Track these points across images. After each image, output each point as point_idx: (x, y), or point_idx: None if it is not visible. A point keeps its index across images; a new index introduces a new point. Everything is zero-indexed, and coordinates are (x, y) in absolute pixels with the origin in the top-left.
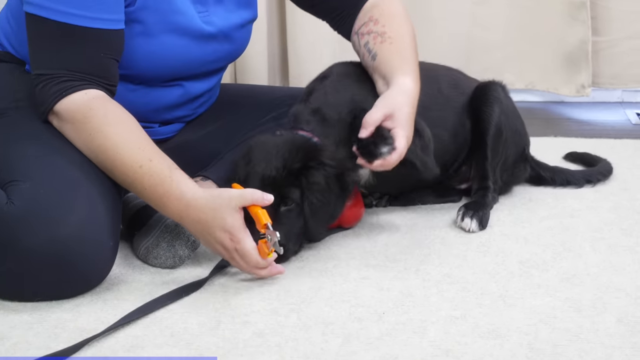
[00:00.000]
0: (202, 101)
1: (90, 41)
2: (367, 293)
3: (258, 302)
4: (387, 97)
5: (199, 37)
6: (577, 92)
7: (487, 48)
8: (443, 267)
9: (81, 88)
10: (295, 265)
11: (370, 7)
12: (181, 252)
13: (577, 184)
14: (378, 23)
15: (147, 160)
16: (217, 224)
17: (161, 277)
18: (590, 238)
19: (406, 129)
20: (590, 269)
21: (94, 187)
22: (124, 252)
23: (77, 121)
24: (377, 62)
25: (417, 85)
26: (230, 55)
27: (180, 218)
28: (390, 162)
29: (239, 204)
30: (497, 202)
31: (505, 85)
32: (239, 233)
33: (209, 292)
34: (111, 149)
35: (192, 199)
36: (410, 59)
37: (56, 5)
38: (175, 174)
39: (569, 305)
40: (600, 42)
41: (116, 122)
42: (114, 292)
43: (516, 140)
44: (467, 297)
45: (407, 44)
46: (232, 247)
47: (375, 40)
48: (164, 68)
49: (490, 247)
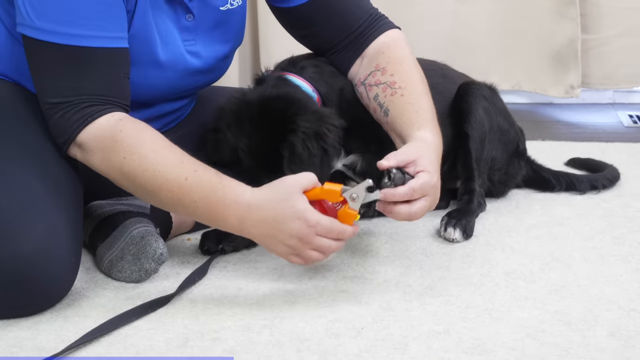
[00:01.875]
0: (173, 118)
1: (107, 62)
2: (344, 307)
3: (228, 317)
4: (409, 146)
5: (183, 71)
6: (566, 93)
7: (471, 48)
8: (425, 279)
9: (106, 112)
10: (268, 279)
11: (375, 53)
12: (147, 265)
13: (581, 189)
14: (386, 72)
15: (192, 172)
16: (288, 215)
17: (126, 292)
18: (580, 247)
19: (431, 173)
20: (581, 280)
21: (54, 199)
22: (86, 266)
23: (107, 147)
24: (390, 119)
25: (438, 137)
26: (210, 82)
27: (241, 224)
28: (397, 194)
29: (302, 188)
30: (484, 209)
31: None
32: (314, 214)
33: (177, 308)
34: (151, 168)
35: (251, 197)
36: (425, 110)
37: (66, 29)
38: (225, 179)
39: (558, 318)
40: (590, 40)
41: (149, 141)
42: (75, 308)
43: (503, 139)
44: (451, 310)
45: (419, 93)
46: (311, 233)
47: (385, 93)
48: (139, 96)
49: (475, 258)
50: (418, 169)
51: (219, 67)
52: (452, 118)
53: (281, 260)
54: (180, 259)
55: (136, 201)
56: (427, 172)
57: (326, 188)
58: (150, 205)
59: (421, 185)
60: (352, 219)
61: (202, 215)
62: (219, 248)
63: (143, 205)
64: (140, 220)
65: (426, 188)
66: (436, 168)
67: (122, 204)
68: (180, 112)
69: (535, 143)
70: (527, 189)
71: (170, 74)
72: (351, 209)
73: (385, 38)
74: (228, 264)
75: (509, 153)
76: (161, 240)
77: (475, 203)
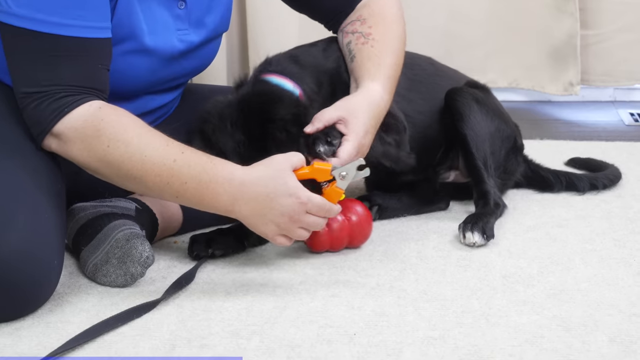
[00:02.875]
0: (159, 114)
1: (85, 52)
2: (336, 312)
3: (217, 323)
4: (347, 100)
5: (167, 57)
6: (565, 90)
7: (467, 44)
8: (420, 283)
9: (84, 101)
10: (258, 283)
11: (361, 5)
12: (133, 269)
13: (581, 188)
14: (365, 23)
15: (179, 154)
16: (280, 192)
17: (110, 297)
18: (580, 250)
19: (359, 137)
20: (580, 284)
21: (35, 198)
22: (69, 270)
23: (88, 136)
24: (353, 65)
25: (387, 94)
26: (196, 71)
27: (233, 202)
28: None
29: (292, 166)
30: (504, 210)
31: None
32: (305, 192)
33: (163, 313)
34: (137, 154)
35: (243, 174)
36: (387, 65)
37: (46, 17)
38: (215, 159)
39: (557, 323)
40: (590, 35)
41: (132, 127)
42: (57, 314)
43: (500, 136)
44: (446, 315)
45: (390, 48)
46: (302, 210)
47: (357, 41)
48: (122, 87)
49: (471, 261)
50: (345, 132)
51: (206, 53)
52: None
53: (271, 264)
54: (167, 262)
55: (121, 203)
56: (353, 137)
57: (316, 167)
58: (136, 206)
59: (348, 156)
60: (337, 198)
61: (192, 197)
62: (209, 253)
63: (128, 207)
64: (125, 222)
65: (352, 154)
66: (368, 128)
67: (106, 206)
68: (166, 109)
69: (533, 142)
70: (525, 189)
71: (155, 62)
72: (338, 187)
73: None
74: (216, 268)
75: (506, 150)
76: (147, 243)
77: (491, 205)
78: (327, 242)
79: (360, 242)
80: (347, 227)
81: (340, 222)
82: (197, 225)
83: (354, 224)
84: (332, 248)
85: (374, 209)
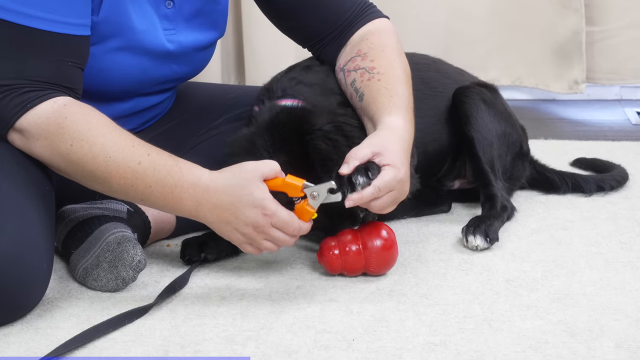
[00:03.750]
0: (152, 115)
1: (56, 48)
2: (334, 317)
3: (211, 328)
4: (375, 136)
5: (157, 56)
6: (570, 88)
7: (468, 41)
8: (420, 288)
9: (48, 97)
10: (253, 287)
11: (359, 39)
12: (124, 273)
13: (587, 189)
14: (366, 57)
15: (144, 156)
16: (245, 202)
17: (101, 302)
18: (585, 253)
19: (396, 167)
20: (586, 288)
21: (24, 200)
22: (58, 274)
23: (51, 134)
24: (364, 103)
25: (409, 123)
26: (188, 76)
27: (197, 208)
28: (364, 197)
29: (262, 176)
30: (513, 213)
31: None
32: (272, 204)
33: (156, 319)
34: (100, 154)
35: (209, 180)
36: (400, 95)
37: (19, 7)
38: (181, 161)
39: (562, 328)
40: (595, 32)
41: (97, 126)
42: (47, 319)
43: (506, 141)
44: (448, 320)
45: (398, 78)
46: (267, 223)
47: (362, 77)
48: (113, 86)
49: (473, 265)
50: (383, 163)
51: (197, 60)
52: (450, 123)
53: (267, 268)
54: (159, 266)
55: (112, 205)
56: (393, 166)
57: (288, 181)
58: (127, 209)
59: (386, 183)
60: (308, 216)
61: (157, 200)
62: (202, 257)
63: (119, 209)
64: (116, 225)
65: (392, 184)
66: (403, 160)
67: (97, 208)
68: (158, 109)
69: (537, 142)
70: (530, 190)
71: (145, 60)
72: (309, 206)
73: (372, 26)
74: (210, 272)
75: (512, 155)
76: (139, 247)
77: (498, 208)
78: (338, 265)
79: (379, 269)
80: (363, 253)
81: (357, 246)
82: (191, 228)
83: (373, 250)
84: (345, 272)
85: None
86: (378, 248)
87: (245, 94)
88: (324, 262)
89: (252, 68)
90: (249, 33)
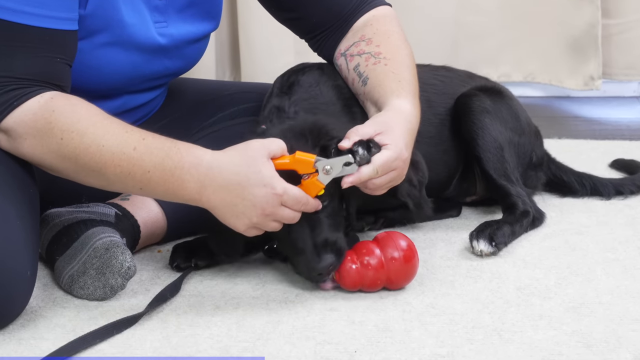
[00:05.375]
0: (143, 113)
1: (43, 43)
2: (335, 328)
3: (204, 339)
4: (379, 116)
5: (148, 51)
6: (585, 84)
7: (478, 34)
8: (426, 296)
9: (34, 94)
10: (250, 295)
11: (361, 25)
12: (113, 281)
13: (606, 194)
14: (372, 42)
15: (139, 140)
16: (253, 181)
17: (88, 311)
18: (601, 259)
19: (398, 148)
20: (602, 297)
21: (6, 204)
22: (43, 281)
23: (39, 131)
24: (368, 87)
25: (417, 110)
26: (180, 71)
27: (201, 189)
28: (362, 177)
29: (269, 153)
30: (535, 219)
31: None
32: (281, 182)
33: (146, 329)
34: (93, 144)
35: (212, 159)
36: (408, 81)
37: (2, 2)
38: (180, 143)
39: (577, 339)
40: (612, 25)
41: (86, 115)
42: (30, 329)
43: (515, 151)
44: (456, 331)
45: (405, 66)
46: (277, 202)
47: (367, 62)
48: (101, 83)
49: (482, 272)
50: (385, 142)
51: (189, 54)
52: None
53: (264, 275)
54: (150, 273)
55: (99, 208)
56: (394, 145)
57: (299, 157)
58: (115, 212)
59: (386, 161)
60: (315, 192)
61: (157, 187)
62: (192, 264)
63: (107, 213)
64: (104, 229)
65: (392, 164)
66: (407, 141)
67: (84, 212)
68: (148, 107)
69: (550, 141)
70: (544, 192)
71: (135, 55)
72: (318, 181)
73: (375, 12)
74: (204, 279)
75: (523, 166)
76: (128, 252)
77: (517, 214)
78: (358, 280)
79: (400, 283)
80: (385, 265)
81: (377, 259)
82: (184, 232)
83: (395, 262)
84: (364, 288)
85: (379, 221)
86: (399, 260)
87: (241, 90)
88: (342, 278)
89: (248, 62)
90: (244, 24)
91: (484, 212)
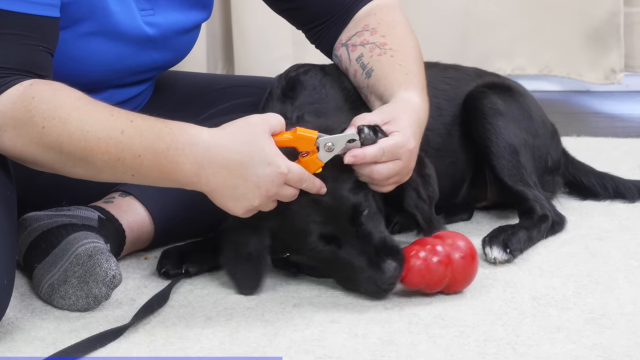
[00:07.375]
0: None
1: (24, 30)
2: (336, 341)
3: (195, 353)
4: (386, 106)
5: (135, 42)
6: (606, 78)
7: (491, 25)
8: (435, 307)
9: (14, 83)
10: (244, 306)
11: (364, 14)
12: (96, 290)
13: (630, 197)
14: (376, 32)
15: (127, 123)
16: (257, 160)
17: (69, 323)
18: (624, 267)
19: (406, 135)
20: (625, 307)
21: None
22: (20, 291)
23: (19, 120)
24: (372, 79)
25: (426, 104)
26: (168, 64)
27: (198, 172)
28: (367, 156)
29: (270, 129)
30: (554, 224)
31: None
32: (284, 160)
33: (132, 342)
34: (77, 130)
35: (210, 137)
36: (415, 74)
37: None
38: (172, 122)
39: (597, 353)
40: (635, 13)
41: (68, 101)
42: (6, 342)
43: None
44: (466, 344)
45: (411, 57)
46: (281, 182)
47: (372, 53)
48: (84, 76)
49: (495, 280)
50: (392, 130)
51: (178, 45)
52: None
53: None
54: (136, 282)
55: (81, 212)
56: (401, 134)
57: (300, 133)
58: (99, 216)
59: (392, 146)
60: (314, 169)
61: (149, 172)
62: (182, 270)
63: (89, 217)
64: (86, 234)
65: (398, 151)
66: (415, 131)
67: (64, 216)
68: (135, 102)
69: (568, 140)
70: (563, 195)
71: (121, 47)
72: (318, 159)
73: (378, 1)
74: (194, 288)
75: (539, 172)
76: (113, 259)
77: (534, 218)
78: (420, 278)
79: (461, 284)
80: (449, 264)
81: (443, 255)
82: (172, 238)
83: (459, 262)
84: (426, 288)
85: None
86: (463, 260)
87: (235, 84)
88: (406, 276)
89: (242, 54)
90: (238, 12)
91: (498, 217)
